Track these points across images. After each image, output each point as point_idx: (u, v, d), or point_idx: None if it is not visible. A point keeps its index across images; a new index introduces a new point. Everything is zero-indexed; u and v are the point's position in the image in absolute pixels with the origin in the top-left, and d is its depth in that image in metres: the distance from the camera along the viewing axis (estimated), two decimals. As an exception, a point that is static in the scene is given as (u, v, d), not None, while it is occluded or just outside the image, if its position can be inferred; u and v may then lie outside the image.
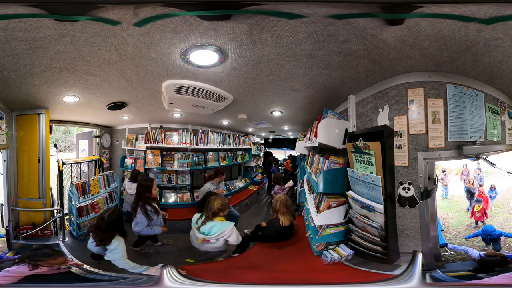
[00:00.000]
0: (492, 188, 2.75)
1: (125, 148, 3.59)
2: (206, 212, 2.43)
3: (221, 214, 2.44)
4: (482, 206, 2.64)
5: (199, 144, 3.59)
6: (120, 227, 2.27)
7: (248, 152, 4.53)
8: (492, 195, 2.75)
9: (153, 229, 2.64)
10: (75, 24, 1.59)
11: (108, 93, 2.58)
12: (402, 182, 2.09)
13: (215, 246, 2.41)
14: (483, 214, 2.63)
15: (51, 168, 2.83)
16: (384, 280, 1.92)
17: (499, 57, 1.79)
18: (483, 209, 2.64)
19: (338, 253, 2.28)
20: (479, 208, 2.63)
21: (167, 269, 2.00)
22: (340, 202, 2.40)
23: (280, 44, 1.76)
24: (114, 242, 2.20)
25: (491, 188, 2.75)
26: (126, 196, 3.28)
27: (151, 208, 2.64)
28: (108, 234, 2.21)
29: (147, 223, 2.60)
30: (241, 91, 2.55)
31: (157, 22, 1.59)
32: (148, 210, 2.61)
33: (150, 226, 2.62)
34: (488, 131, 2.12)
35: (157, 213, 2.67)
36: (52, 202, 2.84)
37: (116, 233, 2.23)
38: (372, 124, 2.27)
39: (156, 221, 2.66)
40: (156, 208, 2.69)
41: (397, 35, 1.65)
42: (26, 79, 2.16)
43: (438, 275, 1.97)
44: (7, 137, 2.52)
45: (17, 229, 2.60)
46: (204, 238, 2.38)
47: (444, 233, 2.51)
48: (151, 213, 2.62)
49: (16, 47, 1.75)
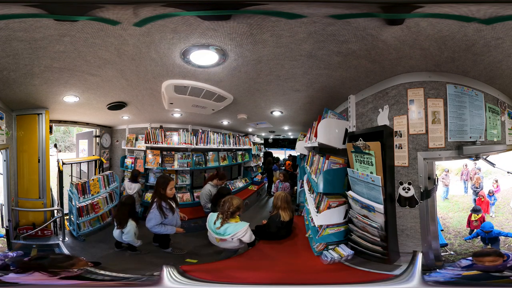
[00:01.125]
0: (490, 194, 2.70)
1: (125, 148, 3.59)
2: (224, 214, 2.46)
3: (237, 213, 2.50)
4: (481, 215, 2.54)
5: (199, 144, 3.59)
6: (133, 212, 2.57)
7: (248, 152, 4.53)
8: (491, 201, 2.69)
9: (167, 228, 2.59)
10: (75, 24, 1.59)
11: (108, 93, 2.58)
12: (402, 182, 2.09)
13: (232, 244, 2.49)
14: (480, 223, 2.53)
15: (51, 168, 2.83)
16: (384, 280, 1.92)
17: (499, 57, 1.79)
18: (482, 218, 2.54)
19: (338, 253, 2.28)
20: (478, 217, 2.53)
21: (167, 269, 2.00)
22: (340, 202, 2.40)
23: (280, 44, 1.76)
24: (128, 225, 2.57)
25: (489, 194, 2.70)
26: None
27: (166, 204, 2.60)
28: (124, 217, 2.59)
29: (160, 220, 2.55)
30: (241, 91, 2.55)
31: (157, 22, 1.59)
32: (163, 206, 2.57)
33: (164, 225, 2.58)
34: (488, 131, 2.12)
35: (172, 210, 2.63)
36: (52, 202, 2.83)
37: (130, 218, 2.59)
38: (372, 124, 2.27)
39: (171, 220, 2.62)
40: (171, 206, 2.65)
41: (397, 35, 1.65)
42: (26, 79, 2.16)
43: (438, 275, 1.97)
44: (7, 137, 2.52)
45: (17, 229, 2.60)
46: (221, 238, 2.46)
47: (444, 233, 2.51)
48: (165, 210, 2.57)
49: (16, 47, 1.75)
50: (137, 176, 3.34)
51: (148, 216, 2.58)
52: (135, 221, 2.61)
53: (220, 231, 2.43)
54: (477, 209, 2.55)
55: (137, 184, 3.29)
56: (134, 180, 3.29)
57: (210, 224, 2.51)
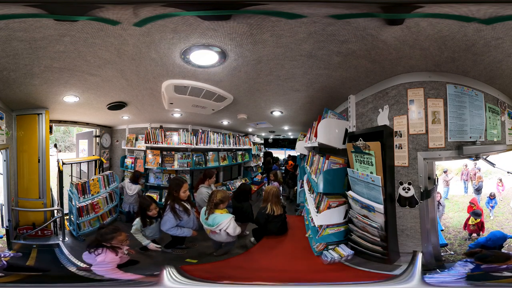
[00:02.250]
0: (491, 197, 2.65)
1: (125, 148, 3.59)
2: (209, 204, 2.63)
3: (221, 206, 2.61)
4: (480, 219, 2.49)
5: (199, 144, 3.59)
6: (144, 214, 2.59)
7: (248, 152, 4.53)
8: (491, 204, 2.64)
9: (183, 230, 2.59)
10: (75, 24, 1.59)
11: (108, 93, 2.58)
12: (402, 182, 2.09)
13: (222, 237, 2.59)
14: (480, 228, 2.49)
15: (51, 168, 2.83)
16: (384, 280, 1.92)
17: (499, 57, 1.79)
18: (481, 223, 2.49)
19: (338, 253, 2.28)
20: (476, 222, 2.48)
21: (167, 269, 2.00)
22: (340, 202, 2.40)
23: (280, 44, 1.76)
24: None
25: (490, 197, 2.65)
26: (125, 196, 3.28)
27: (179, 207, 2.59)
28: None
29: (175, 223, 2.56)
30: (241, 91, 2.55)
31: (157, 22, 1.59)
32: (176, 209, 2.57)
33: (180, 227, 2.58)
34: (488, 131, 2.12)
35: (187, 213, 2.62)
36: (52, 202, 2.83)
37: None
38: (372, 124, 2.27)
39: (186, 222, 2.61)
40: (186, 208, 2.64)
41: (397, 35, 1.65)
42: (26, 79, 2.16)
43: (438, 275, 1.97)
44: (7, 137, 2.52)
45: (17, 229, 2.60)
46: (210, 229, 2.59)
47: (444, 233, 2.51)
48: (179, 212, 2.57)
49: (16, 47, 1.74)
50: (138, 177, 3.34)
51: (163, 219, 2.59)
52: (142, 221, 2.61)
53: (208, 221, 2.58)
54: (478, 213, 2.51)
55: (137, 186, 3.29)
56: (134, 182, 3.28)
57: (202, 217, 2.67)
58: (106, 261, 2.08)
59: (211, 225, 2.58)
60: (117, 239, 2.15)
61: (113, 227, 2.27)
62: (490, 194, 2.67)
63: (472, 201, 2.63)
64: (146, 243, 2.58)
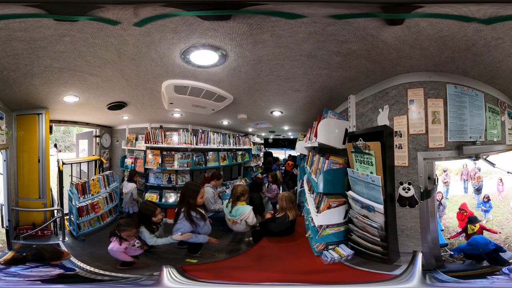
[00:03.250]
0: (486, 199, 2.63)
1: (125, 148, 3.59)
2: (231, 198, 2.98)
3: (242, 199, 2.95)
4: (479, 224, 2.42)
5: (199, 144, 3.59)
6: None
7: (248, 152, 4.53)
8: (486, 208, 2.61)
9: (198, 237, 2.53)
10: (75, 24, 1.59)
11: (108, 93, 2.58)
12: (402, 182, 2.09)
13: (241, 227, 2.90)
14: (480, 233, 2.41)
15: (51, 168, 2.83)
16: (384, 280, 1.92)
17: (499, 57, 1.79)
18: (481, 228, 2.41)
19: (338, 253, 2.28)
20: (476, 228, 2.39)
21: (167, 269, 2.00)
22: (340, 202, 2.40)
23: (280, 44, 1.76)
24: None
25: (484, 200, 2.62)
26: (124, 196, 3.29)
27: (196, 214, 2.53)
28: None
29: (190, 230, 2.51)
30: (241, 91, 2.55)
31: (157, 22, 1.59)
32: (192, 216, 2.51)
33: (195, 234, 2.52)
34: (488, 131, 2.12)
35: (203, 219, 2.57)
36: (52, 202, 2.83)
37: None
38: (372, 124, 2.27)
39: (203, 228, 2.56)
40: (202, 214, 2.57)
41: (397, 35, 1.65)
42: (26, 79, 2.16)
43: (438, 275, 1.97)
44: (7, 137, 2.52)
45: (17, 229, 2.60)
46: (233, 220, 2.91)
47: (444, 233, 2.51)
48: (196, 219, 2.51)
49: (16, 47, 1.74)
50: (133, 176, 3.34)
51: (175, 227, 2.54)
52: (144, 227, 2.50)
53: (232, 213, 2.90)
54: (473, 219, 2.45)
55: (132, 184, 3.29)
56: (130, 180, 3.29)
57: (226, 210, 2.97)
58: (114, 249, 2.30)
59: (234, 216, 2.87)
60: (126, 232, 2.34)
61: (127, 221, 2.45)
62: (485, 196, 2.65)
63: (461, 207, 2.57)
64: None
